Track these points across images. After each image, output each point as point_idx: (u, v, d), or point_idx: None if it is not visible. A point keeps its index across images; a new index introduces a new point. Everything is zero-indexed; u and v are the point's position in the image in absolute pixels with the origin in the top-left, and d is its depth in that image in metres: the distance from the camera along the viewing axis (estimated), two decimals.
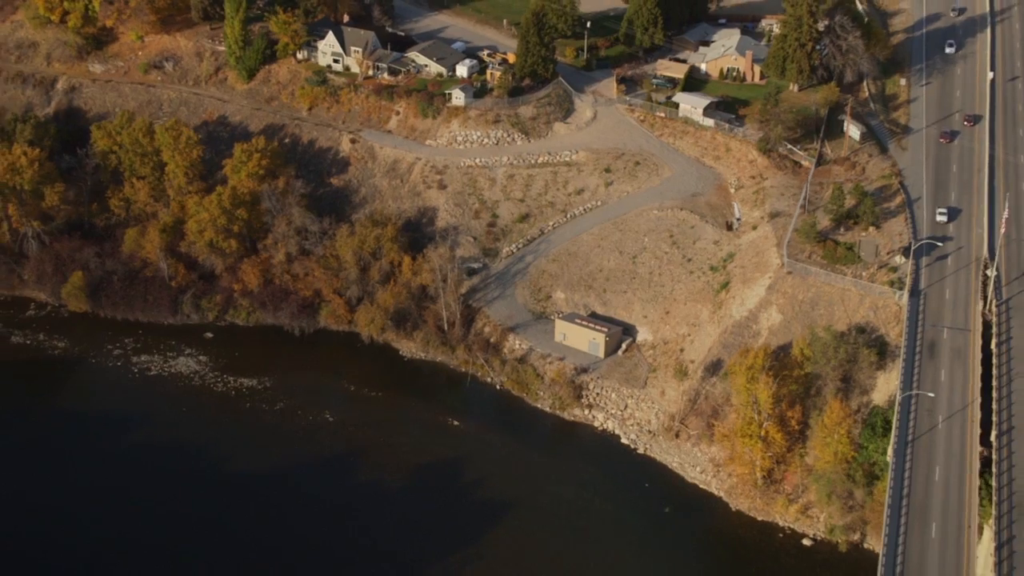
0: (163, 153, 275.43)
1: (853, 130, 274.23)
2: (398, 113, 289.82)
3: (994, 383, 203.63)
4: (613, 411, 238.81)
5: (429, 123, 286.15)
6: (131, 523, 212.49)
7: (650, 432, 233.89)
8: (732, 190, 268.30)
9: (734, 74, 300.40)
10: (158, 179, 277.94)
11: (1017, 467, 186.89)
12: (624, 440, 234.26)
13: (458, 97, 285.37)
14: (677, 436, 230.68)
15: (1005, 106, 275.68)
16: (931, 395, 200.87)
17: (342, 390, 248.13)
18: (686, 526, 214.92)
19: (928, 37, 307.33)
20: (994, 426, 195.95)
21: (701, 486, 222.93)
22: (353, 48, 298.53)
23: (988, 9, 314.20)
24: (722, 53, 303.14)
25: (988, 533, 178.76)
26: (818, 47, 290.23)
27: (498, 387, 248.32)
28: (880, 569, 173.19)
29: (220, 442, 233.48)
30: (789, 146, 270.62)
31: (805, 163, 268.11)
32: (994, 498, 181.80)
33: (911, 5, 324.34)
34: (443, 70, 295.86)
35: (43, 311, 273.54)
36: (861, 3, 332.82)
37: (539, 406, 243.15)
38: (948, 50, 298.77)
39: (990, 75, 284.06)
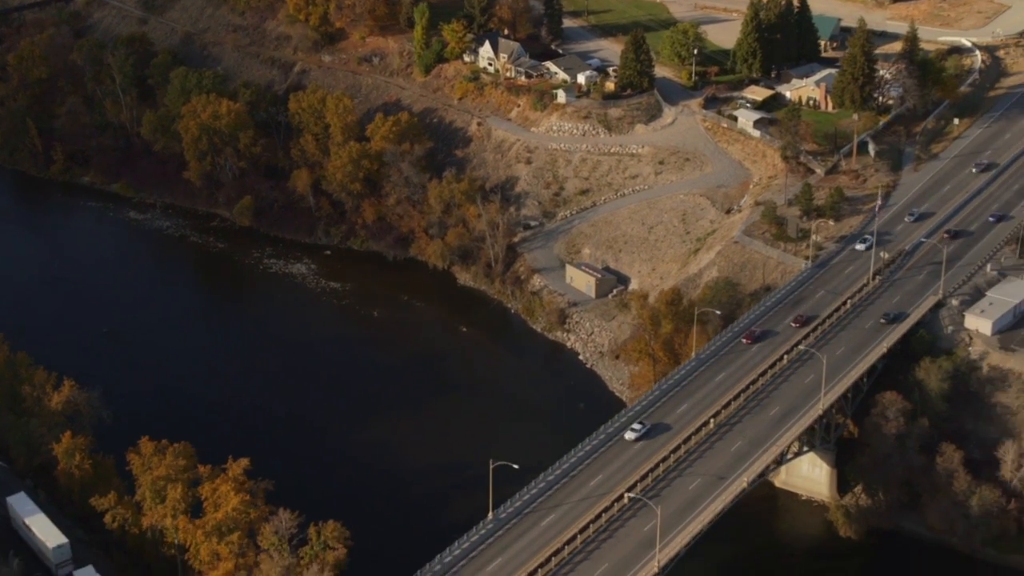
0: (327, 116, 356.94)
1: (870, 148, 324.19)
2: (519, 106, 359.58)
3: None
4: (582, 335, 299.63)
5: (538, 115, 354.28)
6: (206, 348, 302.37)
7: (601, 353, 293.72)
8: (751, 186, 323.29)
9: (811, 102, 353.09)
10: (325, 136, 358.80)
11: None
12: (581, 357, 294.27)
13: (561, 96, 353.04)
14: (617, 357, 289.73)
15: None
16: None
17: (397, 299, 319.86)
18: (589, 418, 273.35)
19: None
20: None
21: (616, 394, 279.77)
22: (502, 54, 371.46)
23: None
24: (803, 84, 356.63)
25: None
26: (875, 82, 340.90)
27: (512, 311, 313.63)
28: None
29: (288, 314, 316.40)
30: (807, 155, 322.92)
31: (817, 170, 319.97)
32: None
33: None
34: (568, 77, 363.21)
35: (223, 224, 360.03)
36: (985, 60, 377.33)
37: (535, 327, 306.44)
38: None
39: None
